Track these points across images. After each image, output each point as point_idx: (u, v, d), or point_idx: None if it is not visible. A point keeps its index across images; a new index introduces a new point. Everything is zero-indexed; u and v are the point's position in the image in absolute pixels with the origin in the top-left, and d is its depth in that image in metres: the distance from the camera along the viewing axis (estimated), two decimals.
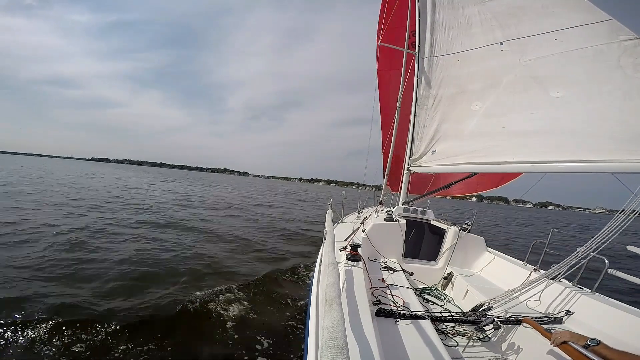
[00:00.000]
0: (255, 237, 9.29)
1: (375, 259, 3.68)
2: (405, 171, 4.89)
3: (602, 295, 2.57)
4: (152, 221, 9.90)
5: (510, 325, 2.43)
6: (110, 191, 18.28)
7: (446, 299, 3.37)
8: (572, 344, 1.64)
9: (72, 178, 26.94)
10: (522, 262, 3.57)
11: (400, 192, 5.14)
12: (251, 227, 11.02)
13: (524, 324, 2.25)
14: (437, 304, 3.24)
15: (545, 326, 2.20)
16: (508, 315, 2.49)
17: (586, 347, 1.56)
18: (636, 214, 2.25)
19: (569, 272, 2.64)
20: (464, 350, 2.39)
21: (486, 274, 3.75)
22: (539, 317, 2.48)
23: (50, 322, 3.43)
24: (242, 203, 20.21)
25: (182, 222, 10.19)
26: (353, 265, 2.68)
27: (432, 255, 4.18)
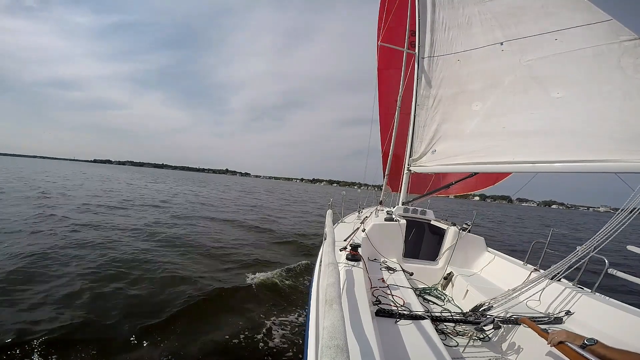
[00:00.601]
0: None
1: (375, 259, 3.68)
2: (405, 171, 4.89)
3: (602, 295, 2.57)
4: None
5: (510, 325, 2.43)
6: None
7: (446, 299, 3.37)
8: (569, 343, 1.63)
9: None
10: (522, 262, 3.57)
11: (400, 192, 5.14)
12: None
13: (522, 324, 2.25)
14: (437, 304, 3.24)
15: (545, 326, 2.20)
16: (508, 315, 2.50)
17: (583, 346, 1.55)
18: (637, 212, 2.25)
19: (569, 271, 2.64)
20: (464, 350, 2.39)
21: (486, 274, 3.75)
22: (539, 317, 2.48)
23: None
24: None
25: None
26: (353, 265, 2.68)
27: (432, 255, 4.19)
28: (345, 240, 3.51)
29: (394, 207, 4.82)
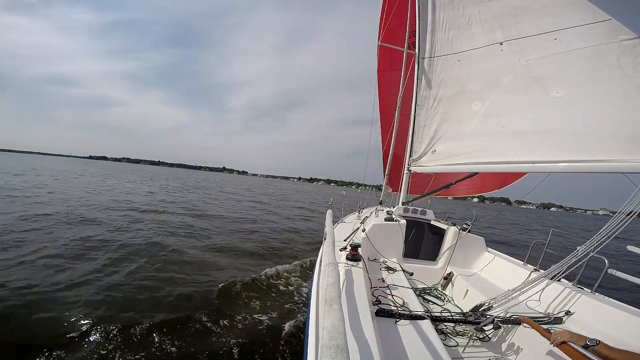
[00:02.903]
0: None
1: (375, 259, 3.68)
2: (405, 171, 4.89)
3: (602, 295, 2.57)
4: None
5: (510, 325, 2.43)
6: None
7: (446, 299, 3.37)
8: (571, 344, 1.63)
9: None
10: (522, 262, 3.57)
11: (400, 192, 5.14)
12: None
13: (524, 324, 2.25)
14: (437, 304, 3.24)
15: (545, 326, 2.20)
16: (508, 315, 2.49)
17: (585, 347, 1.56)
18: (635, 215, 2.25)
19: (569, 271, 2.64)
20: (464, 350, 2.39)
21: (486, 274, 3.75)
22: (539, 317, 2.48)
23: None
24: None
25: None
26: (353, 265, 2.68)
27: (432, 255, 4.18)
28: (345, 240, 3.50)
29: (394, 207, 4.82)
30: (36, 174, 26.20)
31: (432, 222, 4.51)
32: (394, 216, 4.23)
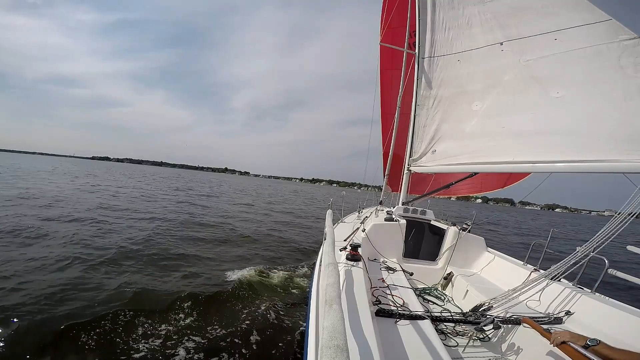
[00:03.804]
0: None
1: (375, 259, 3.68)
2: (405, 171, 4.90)
3: (602, 295, 2.57)
4: None
5: (510, 326, 2.43)
6: None
7: (446, 299, 3.37)
8: (571, 344, 1.64)
9: None
10: (522, 262, 3.57)
11: (400, 192, 5.14)
12: None
13: (524, 324, 2.25)
14: (437, 304, 3.24)
15: (545, 326, 2.20)
16: (508, 315, 2.50)
17: (586, 347, 1.56)
18: (635, 215, 2.25)
19: (569, 272, 2.64)
20: (464, 350, 2.39)
21: (486, 274, 3.75)
22: (539, 317, 2.48)
23: None
24: None
25: None
26: (353, 265, 2.68)
27: (432, 255, 4.19)
28: (345, 240, 3.51)
29: (394, 207, 4.82)
30: None
31: (432, 222, 4.51)
32: (394, 216, 4.24)
